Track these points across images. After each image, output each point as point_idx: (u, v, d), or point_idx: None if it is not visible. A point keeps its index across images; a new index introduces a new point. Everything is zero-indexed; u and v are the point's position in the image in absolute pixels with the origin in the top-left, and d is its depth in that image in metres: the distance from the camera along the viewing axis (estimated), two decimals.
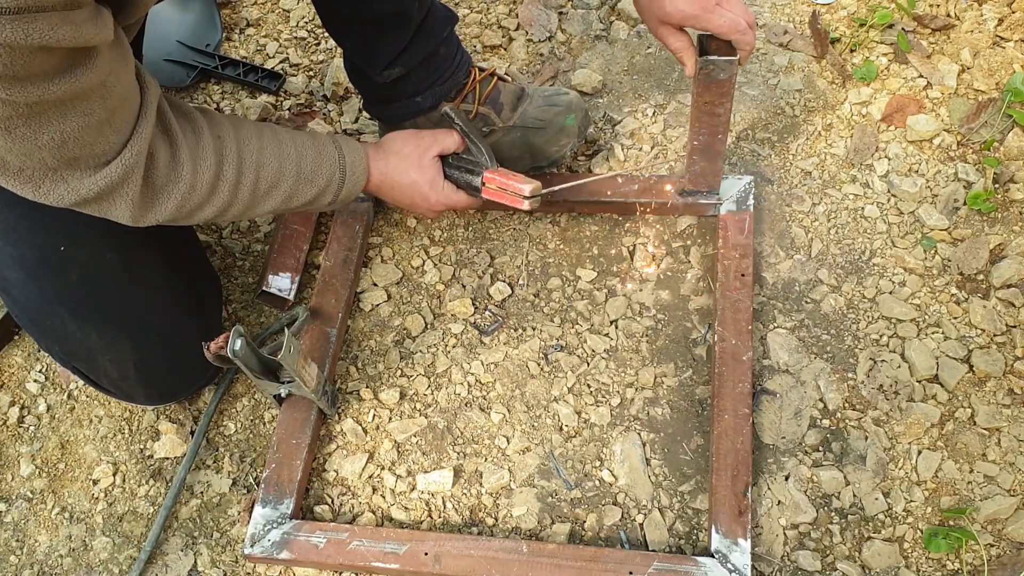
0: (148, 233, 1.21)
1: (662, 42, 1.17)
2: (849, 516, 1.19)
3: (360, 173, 1.18)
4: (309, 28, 1.80)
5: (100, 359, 1.21)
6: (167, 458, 1.34)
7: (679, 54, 1.17)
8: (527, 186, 1.22)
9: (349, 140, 1.20)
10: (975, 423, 1.23)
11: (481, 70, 1.43)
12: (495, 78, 1.43)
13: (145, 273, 1.20)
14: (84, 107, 0.84)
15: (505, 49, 1.71)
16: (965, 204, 1.40)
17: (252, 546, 1.20)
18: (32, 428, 1.40)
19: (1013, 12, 1.59)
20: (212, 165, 1.02)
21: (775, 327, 1.33)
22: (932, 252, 1.38)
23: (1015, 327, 1.29)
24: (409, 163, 1.21)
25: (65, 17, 0.73)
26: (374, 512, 1.26)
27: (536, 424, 1.30)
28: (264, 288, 1.42)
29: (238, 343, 1.08)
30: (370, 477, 1.29)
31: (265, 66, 1.73)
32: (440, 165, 1.24)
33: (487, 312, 1.41)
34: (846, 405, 1.27)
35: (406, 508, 1.26)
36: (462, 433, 1.31)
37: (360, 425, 1.33)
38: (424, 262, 1.47)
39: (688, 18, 1.11)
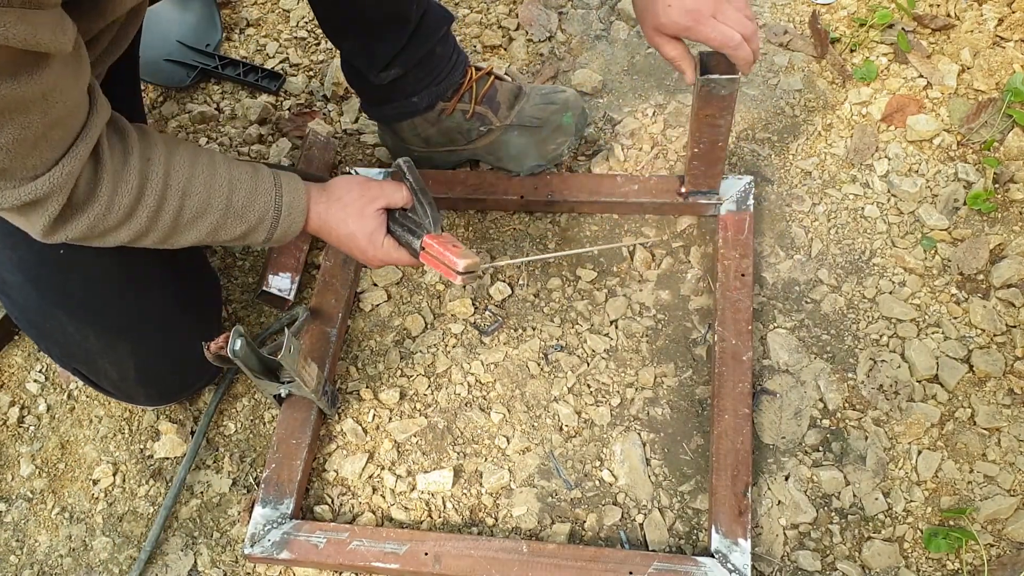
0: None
1: (658, 50, 1.15)
2: (849, 516, 1.19)
3: (298, 214, 1.11)
4: (309, 28, 1.80)
5: (100, 361, 1.21)
6: (167, 458, 1.34)
7: (675, 63, 1.14)
8: (462, 261, 1.12)
9: (293, 179, 1.12)
10: (975, 423, 1.23)
11: (478, 69, 1.43)
12: (492, 77, 1.43)
13: (144, 275, 1.20)
14: (22, 120, 0.79)
15: (505, 49, 1.71)
16: (965, 204, 1.40)
17: (252, 546, 1.20)
18: (32, 428, 1.40)
19: (1013, 12, 1.59)
20: (134, 188, 0.95)
21: (775, 327, 1.33)
22: (932, 252, 1.38)
23: (1015, 327, 1.29)
24: (349, 212, 1.13)
25: (22, 16, 0.70)
26: (374, 512, 1.26)
27: (536, 424, 1.30)
28: (264, 288, 1.42)
29: (238, 343, 1.08)
30: (370, 477, 1.29)
31: (265, 66, 1.73)
32: (383, 219, 1.16)
33: (487, 312, 1.41)
34: (846, 405, 1.27)
35: (406, 508, 1.26)
36: (462, 433, 1.31)
37: (360, 425, 1.33)
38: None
39: (681, 29, 1.09)
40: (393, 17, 1.28)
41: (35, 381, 1.43)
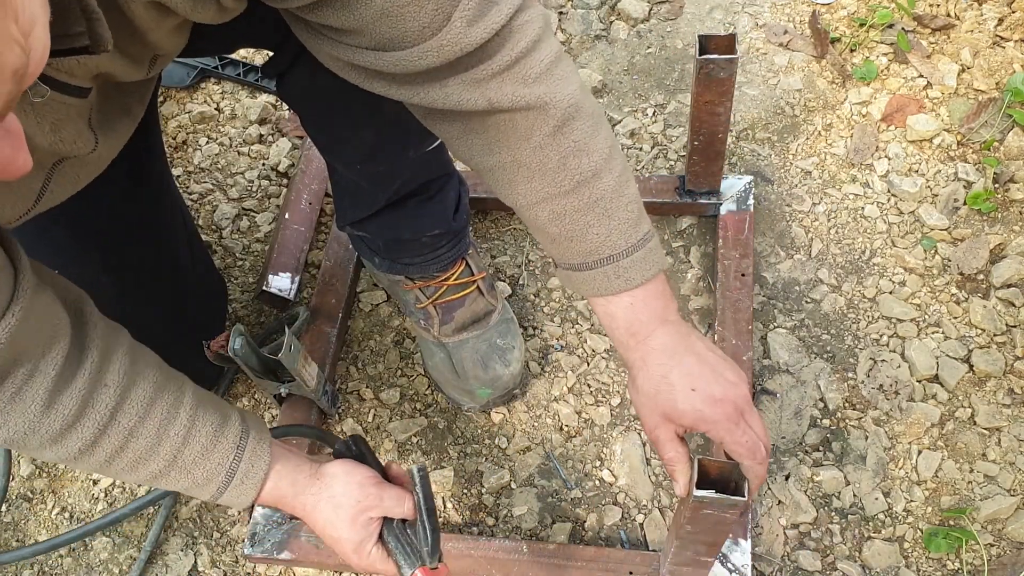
0: (145, 254, 1.18)
1: (654, 445, 0.92)
2: (849, 516, 1.19)
3: (250, 486, 0.92)
4: None
5: None
6: None
7: (672, 466, 0.90)
8: None
9: (261, 447, 0.93)
10: (975, 423, 1.23)
11: (474, 271, 1.30)
12: (474, 286, 1.29)
13: (142, 297, 1.16)
14: None
15: None
16: (965, 204, 1.40)
17: (252, 546, 1.20)
18: None
19: (1013, 12, 1.59)
20: (72, 409, 0.81)
21: (775, 327, 1.33)
22: (932, 252, 1.38)
23: (1015, 327, 1.29)
24: (340, 516, 0.97)
25: None
26: None
27: (536, 424, 1.30)
28: (264, 288, 1.42)
29: (238, 342, 1.08)
30: None
31: None
32: (377, 527, 0.99)
33: None
34: (846, 405, 1.27)
35: None
36: (462, 433, 1.31)
37: (360, 425, 1.33)
38: None
39: (702, 422, 0.86)
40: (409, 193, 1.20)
41: None
